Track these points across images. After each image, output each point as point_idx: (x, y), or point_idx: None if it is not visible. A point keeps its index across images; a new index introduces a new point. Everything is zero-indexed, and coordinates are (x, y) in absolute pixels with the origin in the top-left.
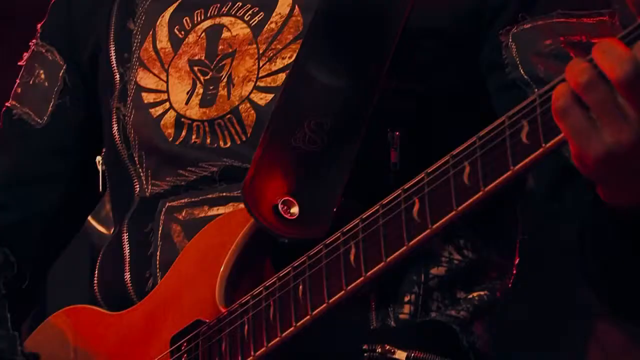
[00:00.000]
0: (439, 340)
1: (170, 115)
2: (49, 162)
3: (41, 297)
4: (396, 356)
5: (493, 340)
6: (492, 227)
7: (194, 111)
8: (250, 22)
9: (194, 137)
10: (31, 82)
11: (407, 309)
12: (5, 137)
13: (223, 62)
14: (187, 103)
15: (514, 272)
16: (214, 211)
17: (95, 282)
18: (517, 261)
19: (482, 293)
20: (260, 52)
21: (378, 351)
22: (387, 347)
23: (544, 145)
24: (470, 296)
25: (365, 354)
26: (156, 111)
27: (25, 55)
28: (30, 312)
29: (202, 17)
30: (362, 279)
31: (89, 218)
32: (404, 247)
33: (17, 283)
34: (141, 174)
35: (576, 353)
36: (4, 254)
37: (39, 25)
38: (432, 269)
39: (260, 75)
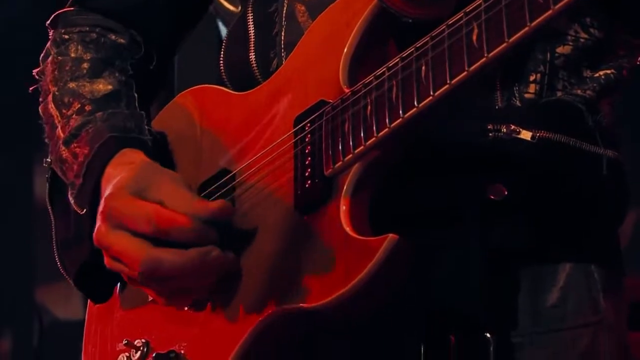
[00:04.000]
0: (564, 119)
1: None
2: None
3: (169, 78)
4: (521, 136)
5: (618, 119)
6: (620, 4)
7: None
8: None
9: None
10: None
11: (532, 88)
12: None
13: None
14: None
15: None
16: None
17: (221, 62)
18: None
19: (608, 72)
20: None
21: (503, 131)
22: (512, 127)
23: None
24: (597, 75)
25: (490, 134)
26: None
27: None
28: (158, 93)
29: None
30: (484, 59)
31: None
32: (526, 28)
33: (145, 64)
34: None
35: None
36: (131, 35)
37: None
38: (558, 47)
39: None
